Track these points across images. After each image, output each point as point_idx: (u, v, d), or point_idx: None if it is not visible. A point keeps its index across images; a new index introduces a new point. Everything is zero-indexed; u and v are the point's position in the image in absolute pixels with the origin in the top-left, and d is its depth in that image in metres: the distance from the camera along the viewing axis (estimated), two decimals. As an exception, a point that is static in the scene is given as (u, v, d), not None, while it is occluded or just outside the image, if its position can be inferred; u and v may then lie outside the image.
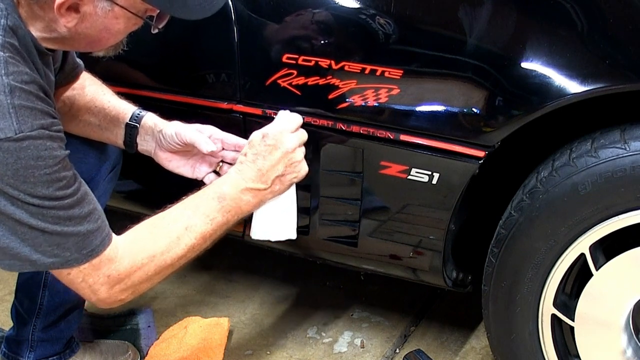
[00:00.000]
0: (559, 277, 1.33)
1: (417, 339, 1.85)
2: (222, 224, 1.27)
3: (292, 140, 1.32)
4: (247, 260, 2.16)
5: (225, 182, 1.28)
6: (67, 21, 1.09)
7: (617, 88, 1.20)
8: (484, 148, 1.32)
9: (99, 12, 1.10)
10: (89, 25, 1.12)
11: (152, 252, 1.20)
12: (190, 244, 1.23)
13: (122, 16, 1.12)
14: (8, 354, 1.62)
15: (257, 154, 1.29)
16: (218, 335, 1.80)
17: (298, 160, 1.33)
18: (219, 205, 1.25)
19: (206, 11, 1.16)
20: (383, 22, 1.36)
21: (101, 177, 1.53)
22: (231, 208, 1.27)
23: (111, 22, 1.13)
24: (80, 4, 1.08)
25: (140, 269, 1.19)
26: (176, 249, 1.22)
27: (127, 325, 1.88)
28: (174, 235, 1.22)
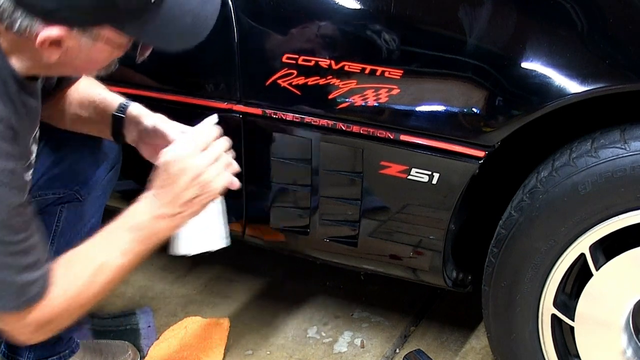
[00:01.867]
0: (559, 277, 1.33)
1: (417, 339, 1.85)
2: (137, 254, 1.23)
3: (199, 163, 1.24)
4: (247, 260, 2.15)
5: (138, 211, 1.24)
6: (50, 55, 1.08)
7: (617, 88, 1.20)
8: (484, 148, 1.32)
9: (82, 45, 1.09)
10: (73, 57, 1.11)
11: (70, 295, 1.18)
12: (107, 280, 1.21)
13: (106, 49, 1.12)
14: (8, 354, 1.62)
15: (167, 179, 1.23)
16: (218, 335, 1.80)
17: (209, 179, 1.24)
18: (133, 236, 1.22)
19: (190, 42, 1.15)
20: (383, 22, 1.36)
21: (99, 176, 1.53)
22: (146, 237, 1.23)
23: (95, 54, 1.12)
24: (62, 40, 1.06)
25: (59, 314, 1.18)
26: (93, 289, 1.20)
27: (127, 325, 1.88)
28: (89, 275, 1.20)
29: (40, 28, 1.04)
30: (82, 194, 1.52)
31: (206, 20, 1.15)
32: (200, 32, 1.15)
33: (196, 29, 1.15)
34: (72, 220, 1.54)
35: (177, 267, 2.14)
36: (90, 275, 1.20)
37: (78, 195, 1.52)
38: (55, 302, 1.17)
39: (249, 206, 1.63)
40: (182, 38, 1.14)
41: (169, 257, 2.16)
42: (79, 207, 1.53)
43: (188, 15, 1.12)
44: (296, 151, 1.50)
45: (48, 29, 1.04)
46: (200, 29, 1.15)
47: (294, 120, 1.46)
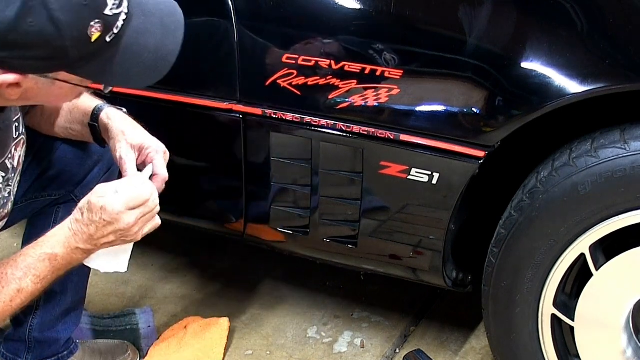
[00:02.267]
0: (559, 277, 1.33)
1: (417, 339, 1.85)
2: (51, 280, 1.26)
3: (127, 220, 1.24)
4: (247, 260, 2.15)
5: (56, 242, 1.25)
6: (11, 95, 1.09)
7: (617, 88, 1.20)
8: (484, 148, 1.32)
9: (41, 86, 1.09)
10: (34, 95, 1.11)
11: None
12: (21, 302, 1.23)
13: (65, 86, 1.12)
14: (6, 354, 1.62)
15: (92, 221, 1.23)
16: (218, 335, 1.80)
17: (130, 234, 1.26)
18: (50, 265, 1.24)
19: (151, 79, 1.15)
20: (383, 22, 1.36)
21: (95, 177, 1.52)
22: (61, 266, 1.25)
23: (56, 91, 1.12)
24: (20, 82, 1.07)
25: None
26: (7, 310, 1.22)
27: (127, 325, 1.88)
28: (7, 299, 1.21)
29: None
30: (78, 195, 1.52)
31: (167, 57, 1.14)
32: (161, 69, 1.15)
33: (156, 67, 1.14)
34: None
35: (177, 267, 2.14)
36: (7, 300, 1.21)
37: (74, 196, 1.52)
38: None
39: (249, 206, 1.63)
40: (141, 76, 1.14)
41: (169, 257, 2.16)
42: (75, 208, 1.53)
43: (147, 53, 1.12)
44: (296, 151, 1.50)
45: (4, 75, 1.05)
46: (161, 66, 1.14)
47: (294, 120, 1.46)
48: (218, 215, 1.73)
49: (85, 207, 1.24)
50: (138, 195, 1.24)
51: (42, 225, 1.54)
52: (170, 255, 2.16)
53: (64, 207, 1.53)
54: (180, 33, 1.16)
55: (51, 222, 1.53)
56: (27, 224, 1.59)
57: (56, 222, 1.53)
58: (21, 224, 1.62)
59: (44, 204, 1.52)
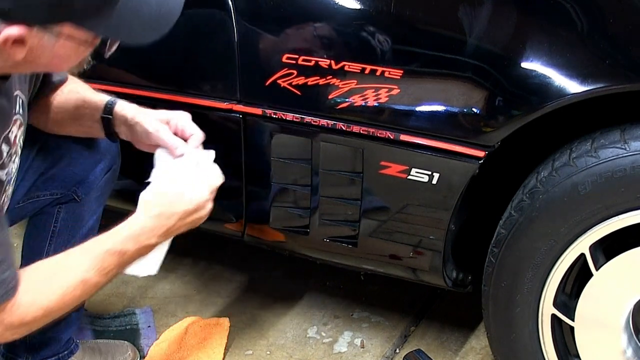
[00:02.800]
0: (559, 277, 1.33)
1: (417, 339, 1.85)
2: (115, 275, 1.26)
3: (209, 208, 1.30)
4: (247, 260, 2.15)
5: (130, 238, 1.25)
6: (15, 53, 1.08)
7: (617, 88, 1.20)
8: (484, 148, 1.32)
9: (45, 43, 1.09)
10: (38, 54, 1.10)
11: (46, 303, 1.19)
12: (83, 294, 1.23)
13: (69, 45, 1.11)
14: (7, 354, 1.62)
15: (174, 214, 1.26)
16: (218, 335, 1.80)
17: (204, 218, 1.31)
18: (118, 260, 1.24)
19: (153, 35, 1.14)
20: (383, 22, 1.36)
21: (96, 177, 1.52)
22: (129, 261, 1.26)
23: (60, 50, 1.11)
24: (24, 39, 1.06)
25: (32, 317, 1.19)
26: (69, 300, 1.22)
27: (127, 325, 1.88)
28: (69, 287, 1.21)
29: (2, 27, 1.04)
30: (80, 194, 1.52)
31: (170, 12, 1.14)
32: (164, 24, 1.14)
33: (160, 22, 1.14)
34: (70, 221, 1.54)
35: (177, 267, 2.14)
36: (69, 288, 1.20)
37: (75, 195, 1.52)
38: (26, 307, 1.17)
39: (249, 206, 1.63)
40: (145, 31, 1.13)
41: (169, 257, 2.16)
42: (77, 208, 1.53)
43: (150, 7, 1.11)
44: (296, 151, 1.50)
45: (8, 29, 1.04)
46: (164, 21, 1.14)
47: (294, 120, 1.46)
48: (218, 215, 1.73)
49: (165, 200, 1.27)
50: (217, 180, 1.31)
51: (42, 225, 1.54)
52: (170, 255, 2.14)
53: (65, 207, 1.53)
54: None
55: (52, 222, 1.53)
56: (27, 224, 1.59)
57: (57, 222, 1.53)
58: (21, 223, 1.63)
59: (45, 203, 1.52)
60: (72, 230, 1.54)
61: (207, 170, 1.32)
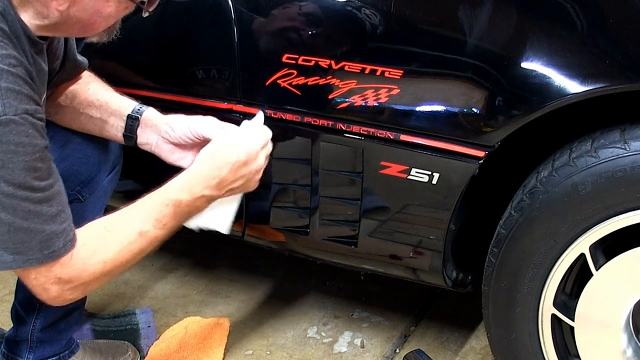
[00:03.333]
0: (559, 277, 1.33)
1: (417, 339, 1.85)
2: (173, 228, 1.27)
3: (261, 160, 1.31)
4: (247, 260, 2.15)
5: (184, 187, 1.26)
6: (59, 4, 1.09)
7: (617, 88, 1.20)
8: (484, 148, 1.32)
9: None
10: (80, 8, 1.11)
11: (104, 257, 1.20)
12: (142, 247, 1.24)
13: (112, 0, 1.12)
14: (7, 354, 1.62)
15: (227, 163, 1.27)
16: (218, 335, 1.80)
17: (257, 179, 1.32)
18: (173, 211, 1.25)
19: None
20: (383, 22, 1.36)
21: (101, 177, 1.53)
22: (184, 213, 1.26)
23: (102, 4, 1.12)
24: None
25: (91, 273, 1.19)
26: (128, 254, 1.22)
27: (127, 325, 1.88)
28: (126, 240, 1.21)
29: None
30: (84, 194, 1.52)
31: None
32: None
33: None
34: (73, 221, 1.53)
35: (177, 267, 2.14)
36: (126, 240, 1.21)
37: (79, 195, 1.52)
38: (84, 261, 1.17)
39: (249, 206, 1.63)
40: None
41: (169, 257, 2.16)
42: (81, 208, 1.53)
43: None
44: (296, 151, 1.50)
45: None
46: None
47: (294, 120, 1.46)
48: (218, 215, 1.73)
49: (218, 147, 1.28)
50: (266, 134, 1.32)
51: None
52: (170, 255, 2.16)
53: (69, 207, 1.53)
54: None
55: None
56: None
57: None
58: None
59: None
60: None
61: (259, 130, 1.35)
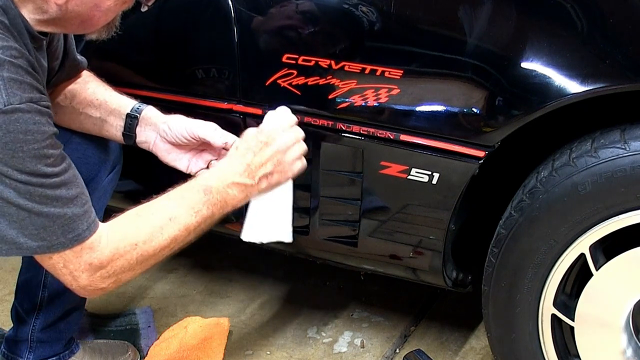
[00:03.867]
0: (559, 277, 1.33)
1: (417, 339, 1.85)
2: (206, 217, 1.25)
3: (285, 139, 1.31)
4: (247, 260, 2.15)
5: (213, 174, 1.28)
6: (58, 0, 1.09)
7: (617, 88, 1.20)
8: (484, 148, 1.32)
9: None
10: (79, 2, 1.11)
11: (134, 240, 1.18)
12: (174, 234, 1.22)
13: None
14: (7, 354, 1.62)
15: (248, 149, 1.28)
16: (218, 335, 1.80)
17: (288, 160, 1.31)
18: (205, 197, 1.24)
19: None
20: (383, 22, 1.36)
21: (101, 177, 1.53)
22: (217, 201, 1.25)
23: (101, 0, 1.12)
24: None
25: (122, 257, 1.17)
26: (159, 239, 1.20)
27: (127, 325, 1.88)
28: (157, 224, 1.20)
29: None
30: None
31: None
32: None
33: None
34: None
35: (177, 267, 2.14)
36: (157, 225, 1.20)
37: None
38: (115, 245, 1.16)
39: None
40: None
41: (169, 257, 2.16)
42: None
43: None
44: (296, 151, 1.50)
45: None
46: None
47: (294, 120, 1.46)
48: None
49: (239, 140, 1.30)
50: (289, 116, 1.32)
51: None
52: (170, 256, 2.16)
53: None
54: None
55: None
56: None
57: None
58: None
59: None
60: None
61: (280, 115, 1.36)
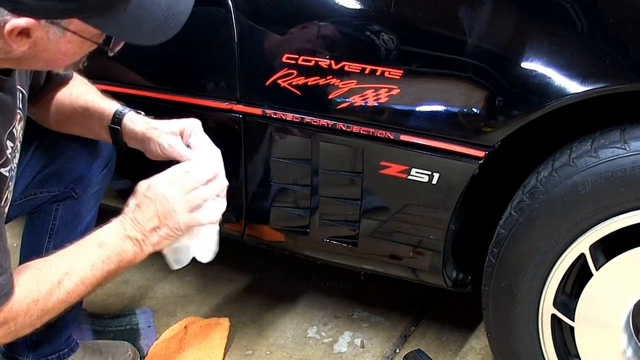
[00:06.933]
0: (559, 277, 1.33)
1: (417, 339, 1.85)
2: (102, 271, 1.25)
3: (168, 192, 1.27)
4: (247, 260, 2.15)
5: (107, 230, 1.27)
6: (19, 46, 1.07)
7: (617, 88, 1.20)
8: (484, 148, 1.32)
9: (51, 37, 1.08)
10: (42, 49, 1.10)
11: (35, 296, 1.19)
12: (70, 288, 1.22)
13: (75, 40, 1.10)
14: (7, 353, 1.62)
15: (137, 205, 1.27)
16: (218, 335, 1.80)
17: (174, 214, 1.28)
18: (100, 251, 1.24)
19: (161, 37, 1.14)
20: (383, 22, 1.36)
21: (93, 174, 1.53)
22: (111, 254, 1.26)
23: (64, 46, 1.11)
24: (30, 30, 1.05)
25: (25, 314, 1.18)
26: (57, 294, 1.21)
27: (127, 325, 1.88)
28: (55, 279, 1.21)
29: (9, 18, 1.03)
30: (78, 191, 1.53)
31: (178, 16, 1.13)
32: (172, 28, 1.14)
33: (168, 25, 1.13)
34: (68, 218, 1.54)
35: (177, 267, 2.14)
36: (55, 280, 1.20)
37: (73, 192, 1.53)
38: (17, 303, 1.17)
39: (249, 206, 1.63)
40: (152, 33, 1.12)
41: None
42: (75, 205, 1.54)
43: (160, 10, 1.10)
44: (296, 151, 1.50)
45: (16, 19, 1.03)
46: (172, 24, 1.13)
47: (294, 120, 1.46)
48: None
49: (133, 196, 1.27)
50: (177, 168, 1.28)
51: (41, 222, 1.54)
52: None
53: (63, 204, 1.54)
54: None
55: (51, 220, 1.53)
56: (25, 222, 1.59)
57: (56, 219, 1.53)
58: (20, 224, 1.62)
59: (42, 200, 1.52)
60: (70, 226, 1.54)
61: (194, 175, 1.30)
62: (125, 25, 1.09)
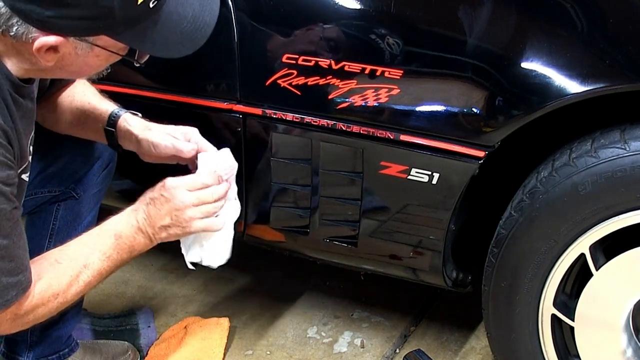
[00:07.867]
0: (559, 277, 1.33)
1: (417, 339, 1.85)
2: (116, 261, 1.29)
3: (184, 199, 1.30)
4: (247, 260, 2.15)
5: (121, 220, 1.30)
6: (47, 61, 1.09)
7: (617, 88, 1.20)
8: (484, 148, 1.32)
9: (79, 52, 1.10)
10: (69, 62, 1.11)
11: (56, 290, 1.22)
12: (88, 280, 1.25)
13: (102, 54, 1.12)
14: (7, 353, 1.62)
15: (152, 200, 1.30)
16: (218, 335, 1.80)
17: (185, 219, 1.31)
18: (115, 242, 1.27)
19: (188, 49, 1.16)
20: (383, 22, 1.36)
21: (93, 175, 1.53)
22: (125, 246, 1.29)
23: (92, 60, 1.12)
24: (59, 46, 1.07)
25: (44, 306, 1.21)
26: (76, 286, 1.24)
27: (127, 325, 1.88)
28: (74, 272, 1.23)
29: (37, 35, 1.04)
30: (78, 191, 1.53)
31: (204, 28, 1.15)
32: (198, 39, 1.16)
33: (194, 37, 1.15)
34: (69, 218, 1.54)
35: (177, 267, 2.14)
36: (74, 273, 1.23)
37: (74, 193, 1.53)
38: (40, 295, 1.19)
39: (249, 206, 1.63)
40: (179, 45, 1.15)
41: (169, 257, 2.16)
42: (75, 205, 1.54)
43: (187, 22, 1.12)
44: (296, 151, 1.50)
45: (45, 37, 1.04)
46: (198, 36, 1.16)
47: (294, 120, 1.46)
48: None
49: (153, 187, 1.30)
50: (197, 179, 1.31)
51: (42, 222, 1.54)
52: (170, 255, 2.16)
53: (64, 204, 1.54)
54: (217, 6, 1.18)
55: (52, 220, 1.54)
56: (26, 222, 1.59)
57: (56, 219, 1.54)
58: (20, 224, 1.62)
59: (43, 200, 1.52)
60: (70, 227, 1.55)
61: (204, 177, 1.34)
62: (154, 39, 1.11)
